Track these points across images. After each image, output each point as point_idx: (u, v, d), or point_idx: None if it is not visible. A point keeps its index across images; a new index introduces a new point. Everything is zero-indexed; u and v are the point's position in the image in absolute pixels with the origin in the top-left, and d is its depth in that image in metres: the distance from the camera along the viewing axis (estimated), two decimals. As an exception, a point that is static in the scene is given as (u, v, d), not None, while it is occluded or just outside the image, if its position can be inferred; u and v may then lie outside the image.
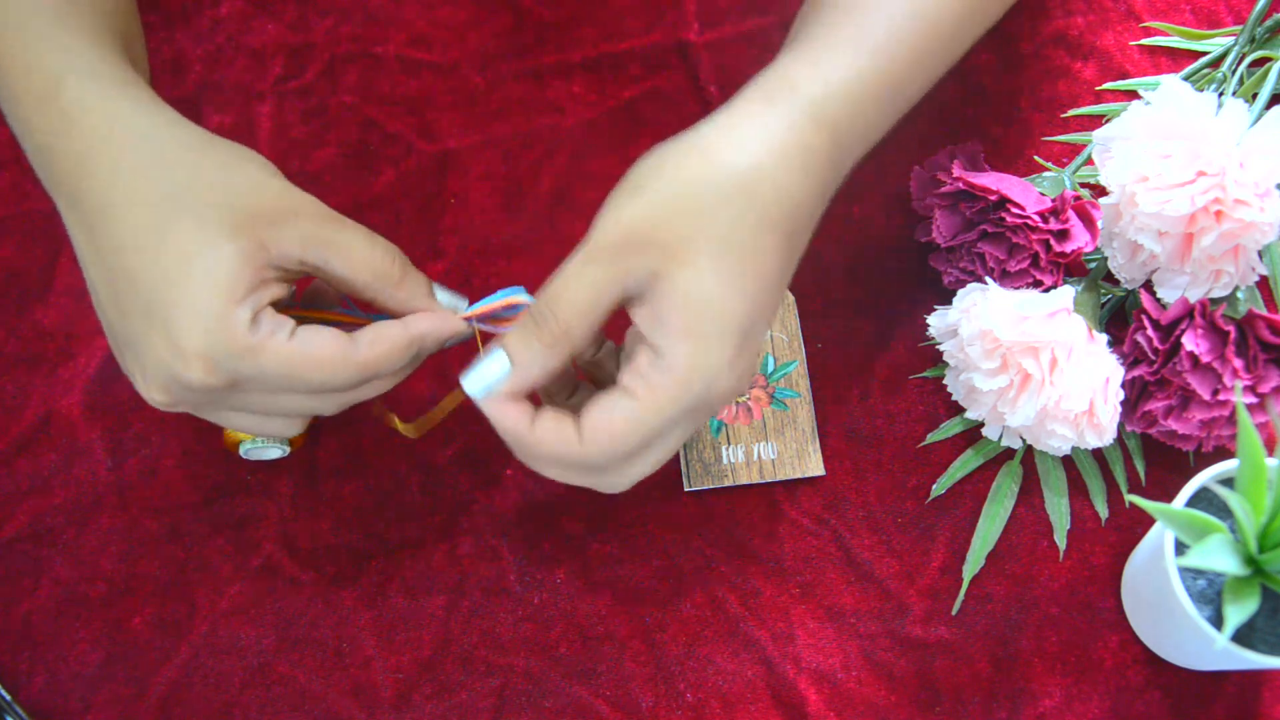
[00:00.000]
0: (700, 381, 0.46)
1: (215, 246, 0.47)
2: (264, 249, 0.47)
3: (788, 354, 0.64)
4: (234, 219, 0.47)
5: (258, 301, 0.47)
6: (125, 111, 0.49)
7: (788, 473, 0.62)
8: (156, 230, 0.47)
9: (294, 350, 0.48)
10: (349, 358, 0.49)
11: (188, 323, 0.46)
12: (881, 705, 0.59)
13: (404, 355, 0.50)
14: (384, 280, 0.50)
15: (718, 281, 0.46)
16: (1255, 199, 0.54)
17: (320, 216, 0.50)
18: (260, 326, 0.47)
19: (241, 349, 0.47)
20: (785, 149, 0.49)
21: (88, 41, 0.50)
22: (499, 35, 0.71)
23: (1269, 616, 0.52)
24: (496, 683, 0.59)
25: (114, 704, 0.59)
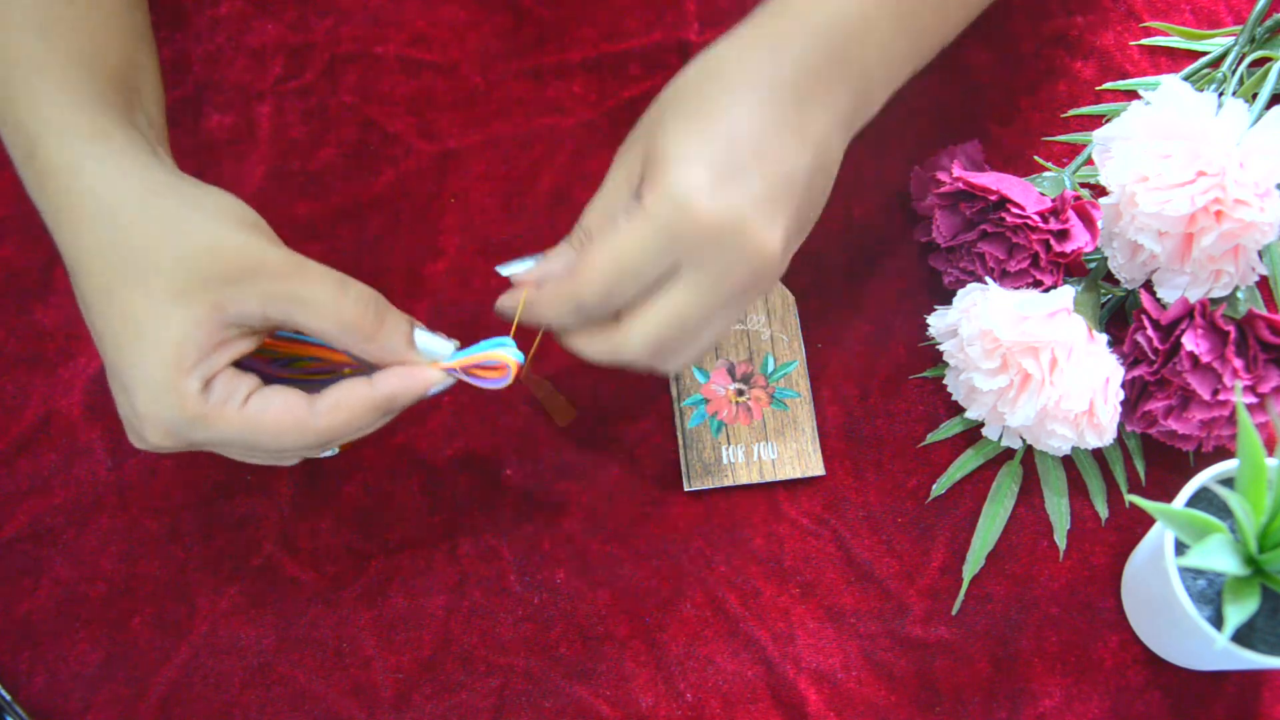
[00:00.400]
0: (666, 203, 0.47)
1: (163, 315, 0.47)
2: (219, 310, 0.47)
3: (788, 354, 0.64)
4: (185, 283, 0.47)
5: (210, 367, 0.48)
6: (90, 169, 0.49)
7: (788, 473, 0.62)
8: (110, 296, 0.48)
9: (246, 418, 0.48)
10: (305, 426, 0.49)
11: (139, 390, 0.47)
12: (881, 705, 0.59)
13: (368, 419, 0.50)
14: (355, 333, 0.50)
15: (678, 131, 0.48)
16: (1255, 199, 0.54)
17: (282, 271, 0.48)
18: (212, 394, 0.48)
19: (192, 417, 0.47)
20: (750, 40, 0.51)
21: (65, 94, 0.50)
22: (499, 35, 0.71)
23: (1269, 616, 0.52)
24: (496, 683, 0.59)
25: (114, 704, 0.59)
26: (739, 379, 0.64)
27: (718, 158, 0.48)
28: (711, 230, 0.47)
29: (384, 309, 0.51)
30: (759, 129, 0.49)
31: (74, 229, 0.48)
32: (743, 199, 0.48)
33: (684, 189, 0.47)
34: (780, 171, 0.49)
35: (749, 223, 0.48)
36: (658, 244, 0.48)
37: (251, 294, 0.48)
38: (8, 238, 0.66)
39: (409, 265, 0.66)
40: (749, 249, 0.48)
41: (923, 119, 0.69)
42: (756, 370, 0.64)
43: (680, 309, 0.49)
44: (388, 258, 0.66)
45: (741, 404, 0.64)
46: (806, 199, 0.50)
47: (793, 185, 0.49)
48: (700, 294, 0.49)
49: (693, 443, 0.63)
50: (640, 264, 0.48)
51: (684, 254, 0.48)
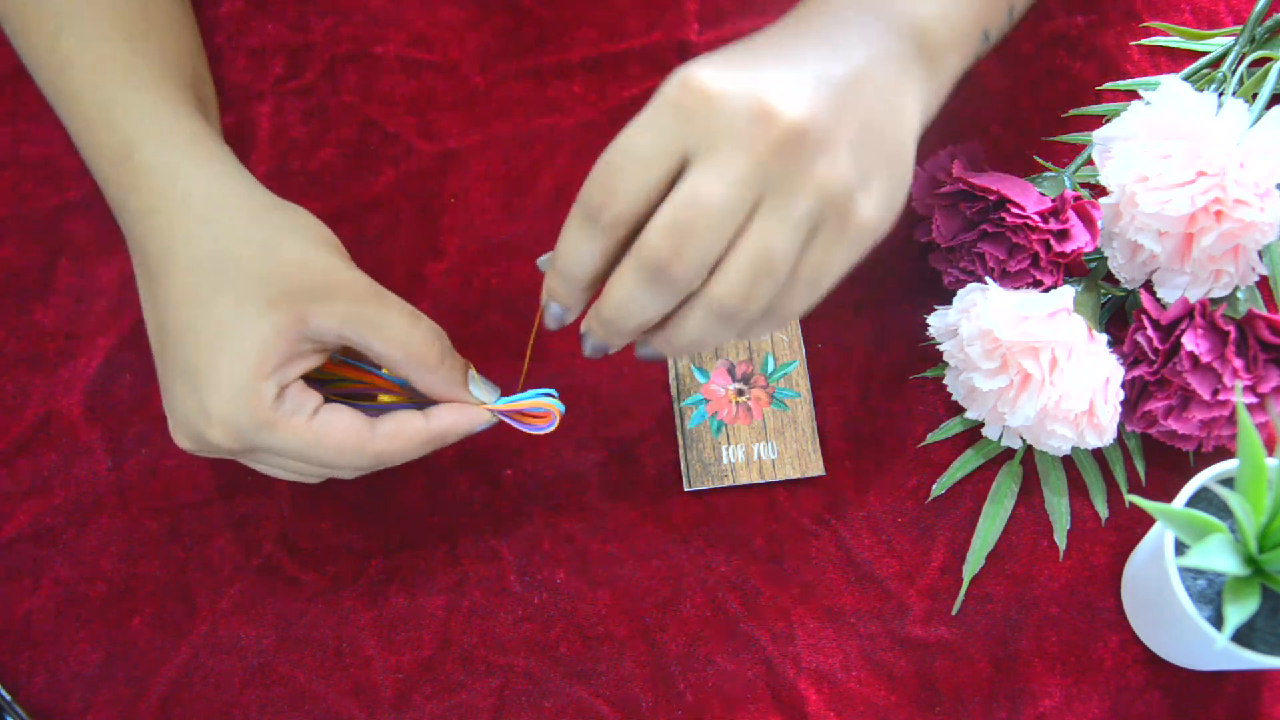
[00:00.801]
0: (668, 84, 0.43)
1: (251, 319, 0.49)
2: (302, 322, 0.49)
3: (788, 354, 0.64)
4: (275, 292, 0.49)
5: (286, 376, 0.50)
6: (189, 173, 0.51)
7: (788, 473, 0.62)
8: (200, 295, 0.49)
9: (311, 431, 0.50)
10: (364, 447, 0.51)
11: (215, 389, 0.49)
12: (881, 705, 0.59)
13: (422, 449, 0.53)
14: (418, 364, 0.52)
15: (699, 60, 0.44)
16: (1255, 199, 0.54)
17: (364, 295, 0.51)
18: (284, 403, 0.50)
19: (262, 422, 0.49)
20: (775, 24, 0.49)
21: (157, 97, 0.53)
22: (499, 35, 0.71)
23: (1269, 616, 0.52)
24: (496, 683, 0.59)
25: (114, 704, 0.59)
26: (739, 379, 0.64)
27: (732, 56, 0.44)
28: (720, 98, 0.42)
29: (447, 347, 0.53)
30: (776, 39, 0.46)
31: (168, 229, 0.50)
32: (756, 77, 0.42)
33: (690, 70, 0.42)
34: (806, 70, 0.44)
35: (764, 89, 0.42)
36: (661, 122, 0.42)
37: (333, 312, 0.50)
38: (8, 238, 0.66)
39: (409, 265, 0.66)
40: (765, 111, 0.42)
41: (923, 119, 0.69)
42: (756, 370, 0.64)
43: (695, 186, 0.42)
44: (388, 257, 0.66)
45: (741, 404, 0.64)
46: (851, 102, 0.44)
47: (822, 80, 0.43)
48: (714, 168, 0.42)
49: (693, 443, 0.63)
50: (642, 146, 0.42)
51: (693, 133, 0.42)
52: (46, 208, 0.67)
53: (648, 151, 0.42)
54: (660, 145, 0.42)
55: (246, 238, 0.50)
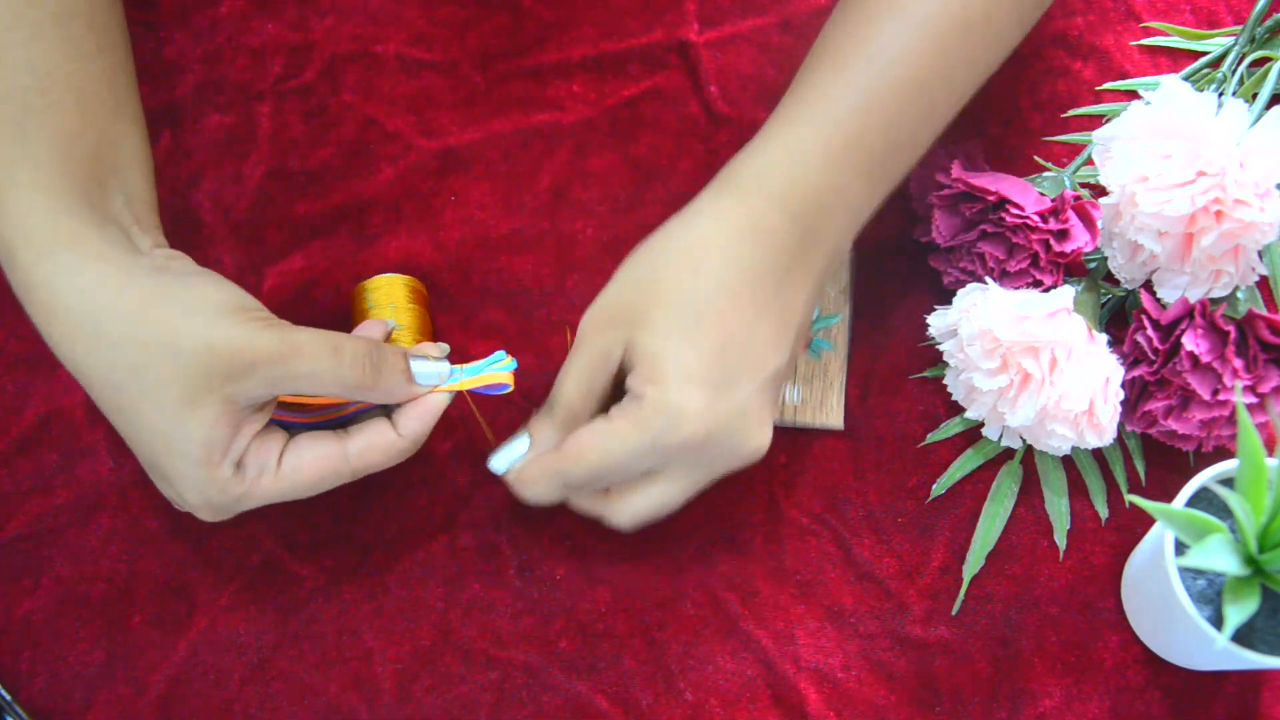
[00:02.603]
0: (660, 418, 0.51)
1: (182, 423, 0.49)
2: (230, 403, 0.50)
3: (833, 307, 0.65)
4: (191, 390, 0.49)
5: (238, 450, 0.51)
6: (66, 285, 0.49)
7: (807, 419, 0.63)
8: (126, 411, 0.50)
9: (284, 479, 0.52)
10: (340, 470, 0.53)
11: (180, 485, 0.51)
12: (881, 705, 0.59)
13: (398, 456, 0.55)
14: (356, 389, 0.52)
15: (671, 337, 0.52)
16: (1255, 199, 0.54)
17: (277, 355, 0.50)
18: (246, 472, 0.51)
19: (235, 497, 0.51)
20: (735, 224, 0.53)
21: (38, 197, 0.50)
22: (499, 34, 0.71)
23: (1269, 616, 0.52)
24: (496, 676, 0.60)
25: (114, 704, 0.59)
26: None
27: (712, 372, 0.51)
28: (701, 441, 0.52)
29: (379, 358, 0.53)
30: (748, 332, 0.52)
31: (68, 346, 0.50)
32: (732, 409, 0.52)
33: (678, 405, 0.51)
34: (768, 371, 0.53)
35: (737, 431, 0.52)
36: (649, 451, 0.52)
37: (255, 383, 0.50)
38: (8, 237, 0.66)
39: (409, 263, 0.66)
40: (737, 450, 0.53)
41: (923, 119, 0.69)
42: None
43: (667, 499, 0.54)
44: (388, 255, 0.66)
45: None
46: (788, 375, 0.56)
47: (778, 378, 0.54)
48: (686, 486, 0.54)
49: None
50: (629, 464, 0.52)
51: (672, 458, 0.52)
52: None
53: (632, 467, 0.53)
54: (644, 464, 0.53)
55: (142, 344, 0.48)
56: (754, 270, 0.53)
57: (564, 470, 0.53)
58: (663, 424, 0.51)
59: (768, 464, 0.63)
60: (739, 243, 0.53)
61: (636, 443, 0.51)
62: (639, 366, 0.52)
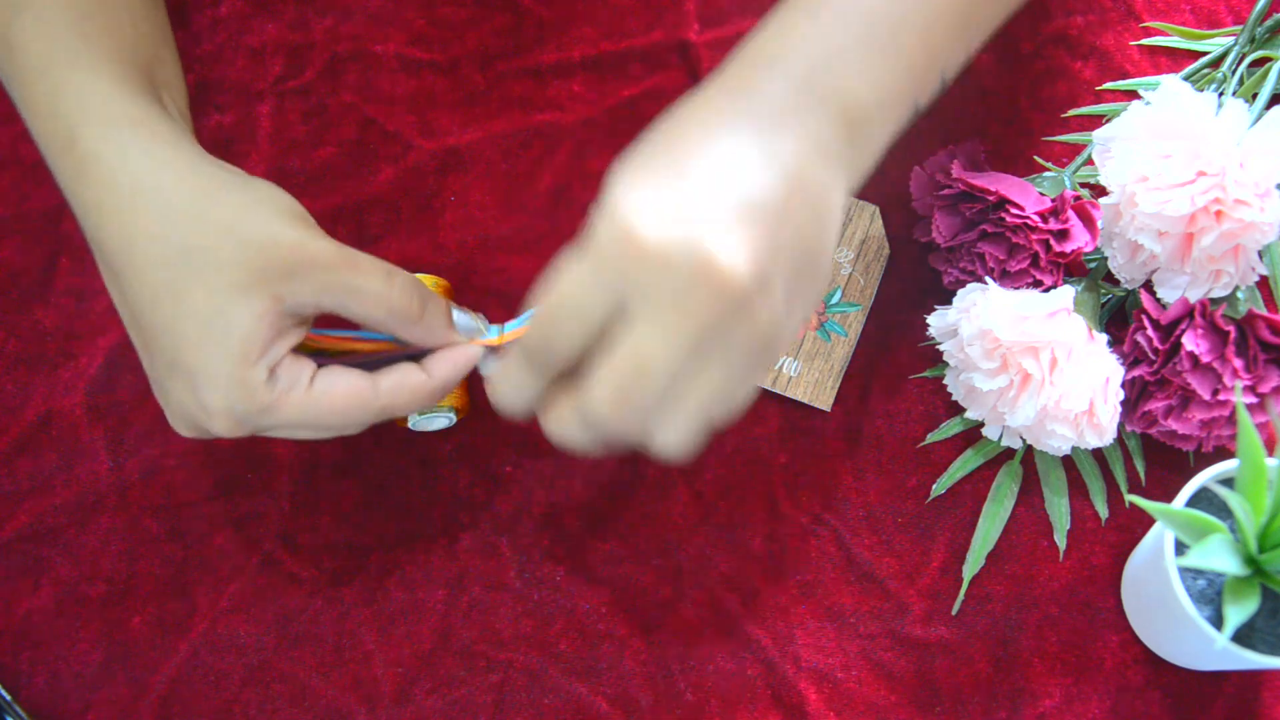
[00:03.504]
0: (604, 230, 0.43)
1: (227, 310, 0.48)
2: (279, 301, 0.48)
3: (857, 296, 0.65)
4: (245, 277, 0.48)
5: (274, 356, 0.49)
6: (134, 160, 0.49)
7: (798, 394, 0.63)
8: (171, 292, 0.48)
9: (313, 400, 0.49)
10: (368, 404, 0.51)
11: (208, 384, 0.48)
12: (881, 705, 0.59)
13: (426, 400, 0.52)
14: (402, 319, 0.51)
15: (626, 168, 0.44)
16: (1255, 199, 0.54)
17: (335, 263, 0.50)
18: (278, 382, 0.49)
19: (260, 406, 0.48)
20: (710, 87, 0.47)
21: (104, 81, 0.50)
22: (499, 34, 0.71)
23: (1269, 616, 0.52)
24: (496, 678, 0.60)
25: (114, 704, 0.59)
26: None
27: (665, 180, 0.43)
28: (658, 255, 0.42)
29: (426, 294, 0.52)
30: (713, 153, 0.44)
31: (120, 222, 0.48)
32: (693, 219, 0.42)
33: (623, 211, 0.42)
34: (740, 192, 0.43)
35: (703, 243, 0.42)
36: (597, 275, 0.43)
37: (308, 286, 0.49)
38: (8, 238, 0.66)
39: (409, 263, 0.66)
40: (707, 272, 0.42)
41: (923, 119, 0.69)
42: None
43: (638, 349, 0.43)
44: (388, 256, 0.66)
45: None
46: (785, 229, 0.44)
47: (757, 208, 0.43)
48: (656, 330, 0.43)
49: None
50: (579, 299, 0.43)
51: (631, 287, 0.42)
52: (46, 208, 0.67)
53: (584, 304, 0.43)
54: (596, 298, 0.43)
55: (204, 224, 0.48)
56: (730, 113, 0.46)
57: (527, 342, 0.46)
58: (608, 236, 0.42)
59: (767, 464, 0.63)
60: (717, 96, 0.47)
61: (580, 267, 0.43)
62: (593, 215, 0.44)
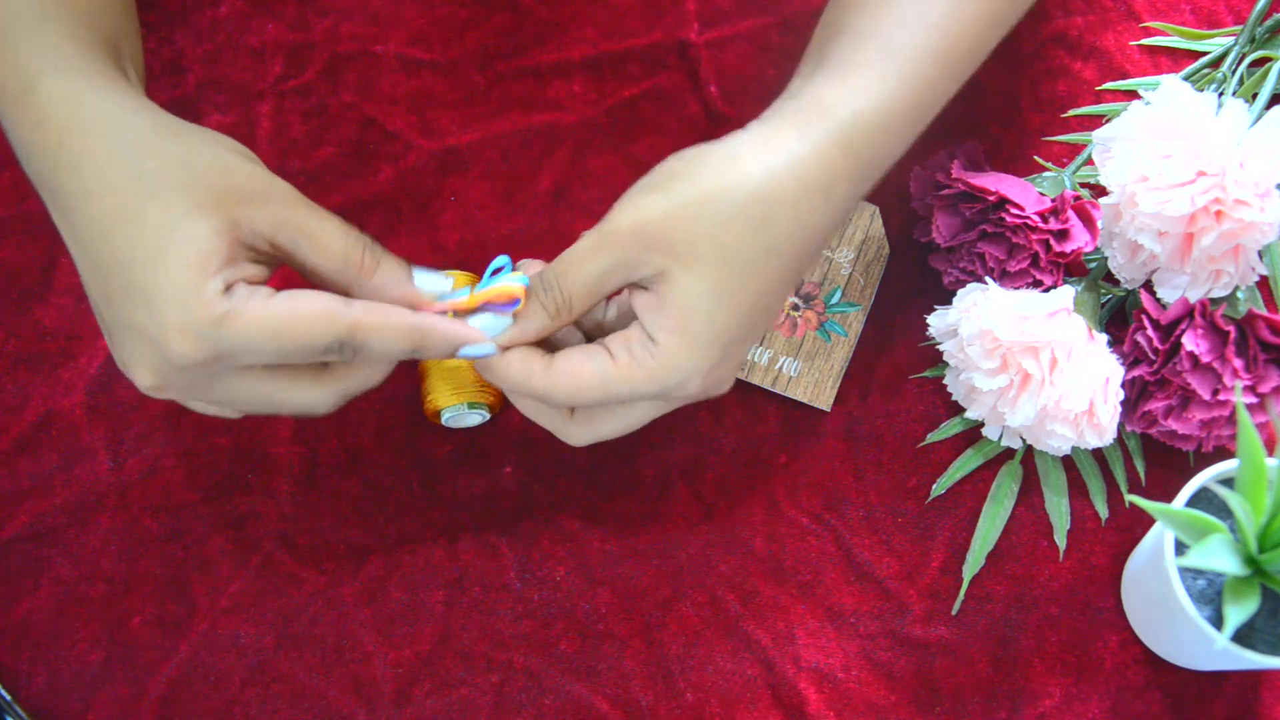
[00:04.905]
0: (677, 375, 0.50)
1: (184, 225, 0.47)
2: (235, 226, 0.48)
3: (857, 297, 0.65)
4: (202, 198, 0.47)
5: (232, 275, 0.47)
6: (93, 101, 0.49)
7: (797, 394, 0.63)
8: (126, 214, 0.47)
9: (275, 309, 0.47)
10: (337, 318, 0.48)
11: (165, 298, 0.47)
12: (881, 705, 0.59)
13: (401, 339, 0.49)
14: (354, 268, 0.50)
15: (717, 293, 0.49)
16: (1255, 199, 0.54)
17: (292, 201, 0.50)
18: (234, 295, 0.47)
19: (219, 316, 0.46)
20: (810, 178, 0.50)
21: (66, 40, 0.51)
22: (499, 34, 0.71)
23: (1269, 616, 0.52)
24: (496, 679, 0.60)
25: (114, 704, 0.59)
26: (801, 295, 0.65)
27: (733, 333, 0.50)
28: (692, 398, 0.51)
29: (382, 252, 0.51)
30: (779, 295, 0.52)
31: (79, 158, 0.48)
32: (729, 369, 0.52)
33: (694, 365, 0.50)
34: (765, 326, 0.53)
35: (725, 381, 0.52)
36: (648, 398, 0.51)
37: (264, 216, 0.48)
38: (8, 238, 0.66)
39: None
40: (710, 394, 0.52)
41: (923, 118, 0.69)
42: (820, 295, 0.65)
43: (631, 424, 0.53)
44: (388, 257, 0.66)
45: (791, 317, 0.64)
46: None
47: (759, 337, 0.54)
48: (652, 414, 0.54)
49: None
50: (620, 399, 0.51)
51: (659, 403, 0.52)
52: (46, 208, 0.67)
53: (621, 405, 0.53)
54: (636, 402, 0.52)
55: (161, 152, 0.48)
56: (813, 230, 0.50)
57: (549, 393, 0.51)
58: (675, 381, 0.50)
59: (767, 464, 0.63)
60: (809, 199, 0.50)
61: (644, 391, 0.50)
62: (669, 306, 0.49)
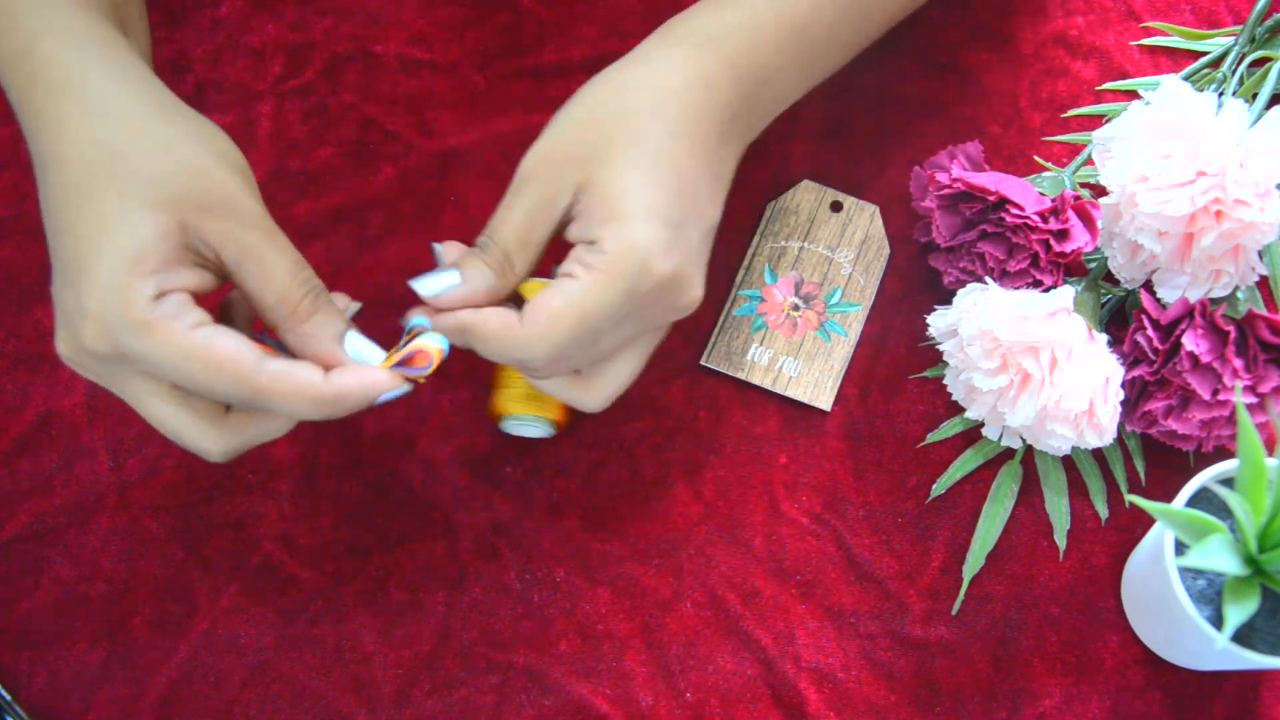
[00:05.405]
0: (632, 260, 0.49)
1: (133, 216, 0.46)
2: (183, 230, 0.47)
3: (857, 296, 0.65)
4: (163, 195, 0.47)
5: (166, 281, 0.47)
6: (91, 68, 0.49)
7: (797, 394, 0.63)
8: (86, 188, 0.47)
9: (190, 342, 0.46)
10: (245, 376, 0.47)
11: (90, 283, 0.46)
12: (881, 705, 0.59)
13: (312, 406, 0.48)
14: (290, 311, 0.49)
15: (635, 175, 0.50)
16: (1255, 199, 0.54)
17: (254, 222, 0.49)
18: (163, 305, 0.46)
19: (135, 321, 0.46)
20: (689, 74, 0.53)
21: (70, 6, 0.50)
22: (499, 34, 0.71)
23: (1269, 616, 0.52)
24: (496, 679, 0.60)
25: (114, 704, 0.59)
26: (801, 294, 0.65)
27: (670, 212, 0.50)
28: (661, 285, 0.50)
29: (324, 303, 0.50)
30: (696, 179, 0.52)
31: (60, 122, 0.48)
32: (686, 254, 0.51)
33: (647, 244, 0.49)
34: (707, 222, 0.53)
35: (687, 277, 0.51)
36: (621, 303, 0.49)
37: (217, 228, 0.48)
38: (8, 238, 0.66)
39: (409, 264, 0.66)
40: (683, 300, 0.52)
41: (923, 119, 0.69)
42: (821, 295, 0.65)
43: (634, 371, 0.54)
44: (387, 256, 0.66)
45: (791, 317, 0.64)
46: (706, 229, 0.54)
47: (711, 232, 0.53)
48: (647, 352, 0.54)
49: (730, 328, 0.64)
50: (605, 325, 0.50)
51: (636, 309, 0.50)
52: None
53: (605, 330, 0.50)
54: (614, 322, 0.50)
55: (143, 135, 0.48)
56: (704, 121, 0.52)
57: (529, 342, 0.49)
58: (635, 266, 0.49)
59: (768, 464, 0.63)
60: (691, 91, 0.52)
61: (613, 295, 0.49)
62: (597, 207, 0.50)
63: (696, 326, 0.64)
